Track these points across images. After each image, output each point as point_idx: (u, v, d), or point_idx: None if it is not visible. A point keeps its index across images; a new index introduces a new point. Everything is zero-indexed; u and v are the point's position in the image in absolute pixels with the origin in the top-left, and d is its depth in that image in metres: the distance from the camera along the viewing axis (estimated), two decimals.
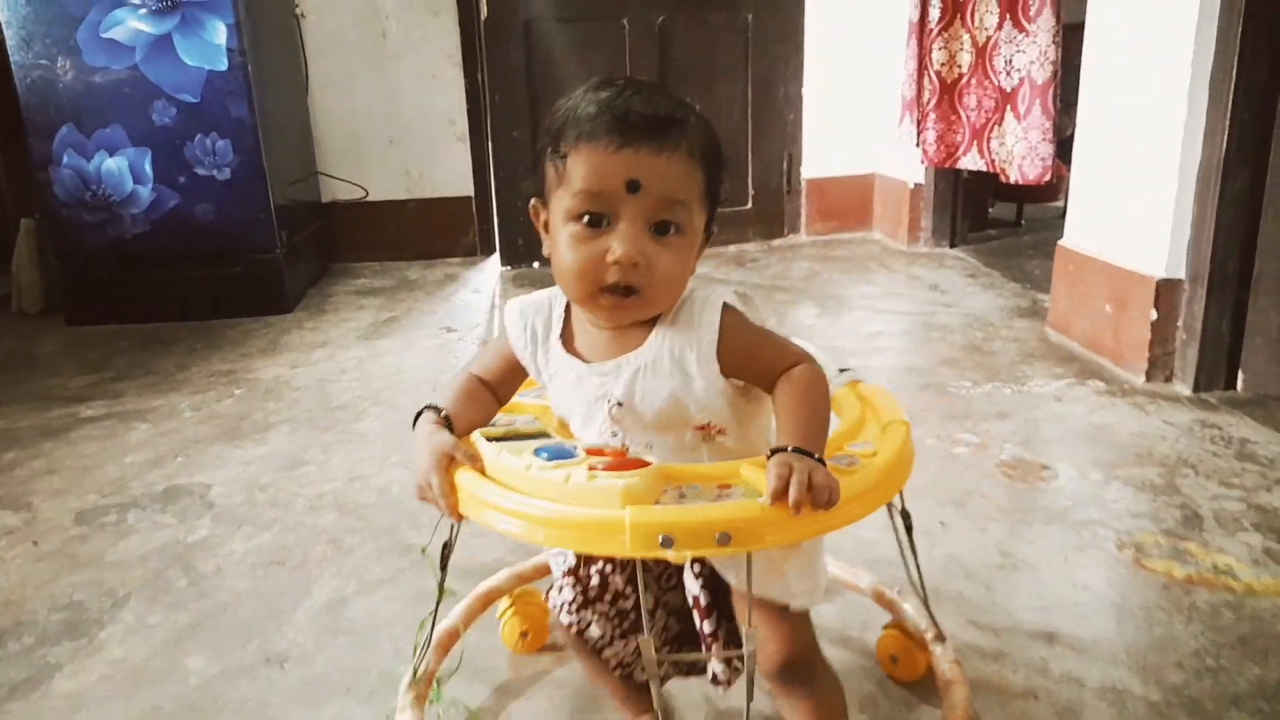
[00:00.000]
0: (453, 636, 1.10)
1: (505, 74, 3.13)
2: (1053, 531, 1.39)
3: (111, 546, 1.45)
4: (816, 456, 0.71)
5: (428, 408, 0.83)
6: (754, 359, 0.81)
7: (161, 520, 1.53)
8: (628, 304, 0.78)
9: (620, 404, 0.82)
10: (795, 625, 0.84)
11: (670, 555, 0.68)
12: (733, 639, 0.87)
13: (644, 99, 0.76)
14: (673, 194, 0.76)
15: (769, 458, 0.72)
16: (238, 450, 1.78)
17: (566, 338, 0.86)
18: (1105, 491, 1.50)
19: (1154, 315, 1.90)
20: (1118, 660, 1.10)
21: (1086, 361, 2.08)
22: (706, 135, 0.78)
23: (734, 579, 0.84)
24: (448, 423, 0.81)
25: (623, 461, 0.75)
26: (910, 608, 1.13)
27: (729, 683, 0.89)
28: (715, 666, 0.88)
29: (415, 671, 1.01)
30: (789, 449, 0.71)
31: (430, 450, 0.78)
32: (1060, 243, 2.27)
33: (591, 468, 0.73)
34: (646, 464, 0.74)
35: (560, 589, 0.92)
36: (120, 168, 2.52)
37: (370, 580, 1.33)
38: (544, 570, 1.20)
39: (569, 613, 0.91)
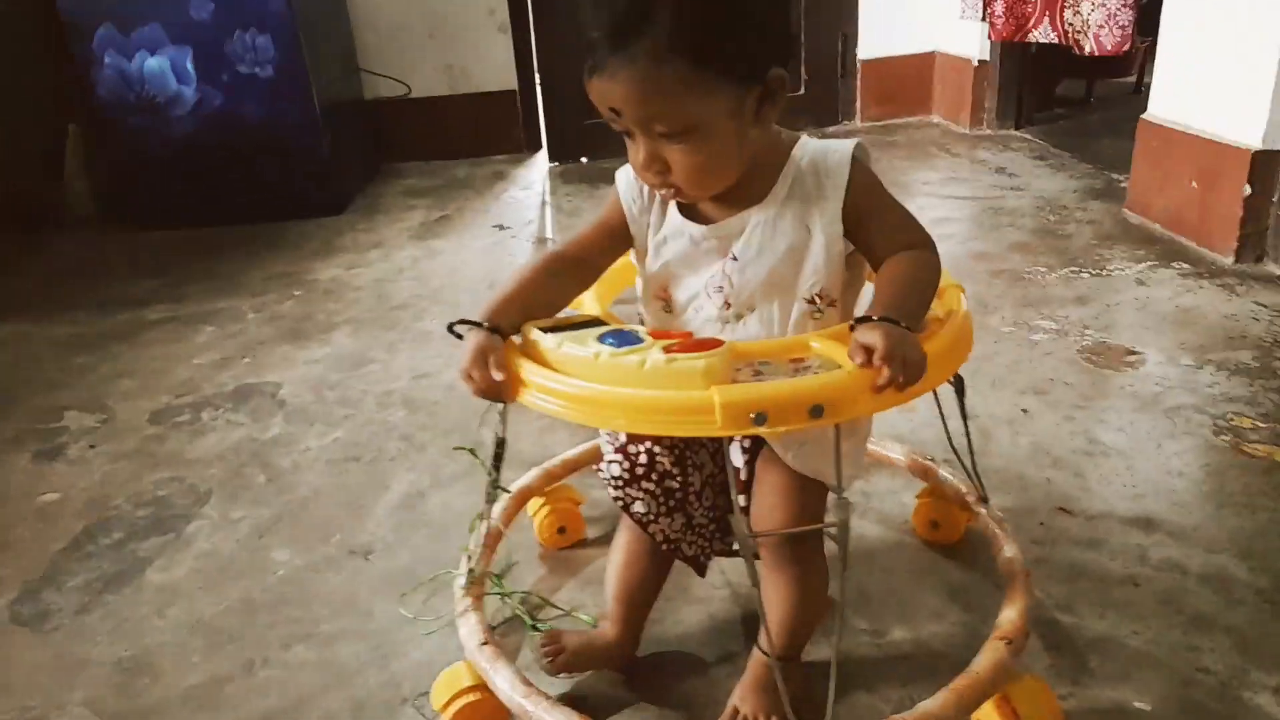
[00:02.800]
0: (496, 536, 1.08)
1: None
2: (1143, 418, 1.34)
3: (189, 445, 1.47)
4: (904, 326, 0.69)
5: (460, 322, 0.79)
6: (879, 221, 0.79)
7: (235, 419, 1.54)
8: (683, 195, 0.79)
9: (735, 258, 0.80)
10: (811, 500, 0.83)
11: (763, 431, 0.67)
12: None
13: (599, 14, 0.70)
14: (652, 111, 0.71)
15: (853, 327, 0.70)
16: (302, 350, 1.78)
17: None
18: (1197, 376, 1.44)
19: (1247, 190, 1.79)
20: (1220, 547, 1.07)
21: (1169, 243, 1.99)
22: (676, 15, 0.68)
23: (792, 458, 0.83)
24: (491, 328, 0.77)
25: (694, 343, 0.72)
26: (947, 473, 1.11)
27: (758, 556, 0.88)
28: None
29: (471, 573, 1.00)
30: (876, 318, 0.69)
31: (469, 348, 0.75)
32: (1143, 116, 2.14)
33: (666, 350, 0.70)
34: (719, 342, 0.71)
35: (609, 463, 0.91)
36: (162, 67, 2.47)
37: (444, 476, 1.33)
38: (572, 466, 1.19)
39: (615, 488, 0.90)
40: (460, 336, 0.79)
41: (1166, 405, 1.37)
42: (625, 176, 0.85)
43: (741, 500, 0.87)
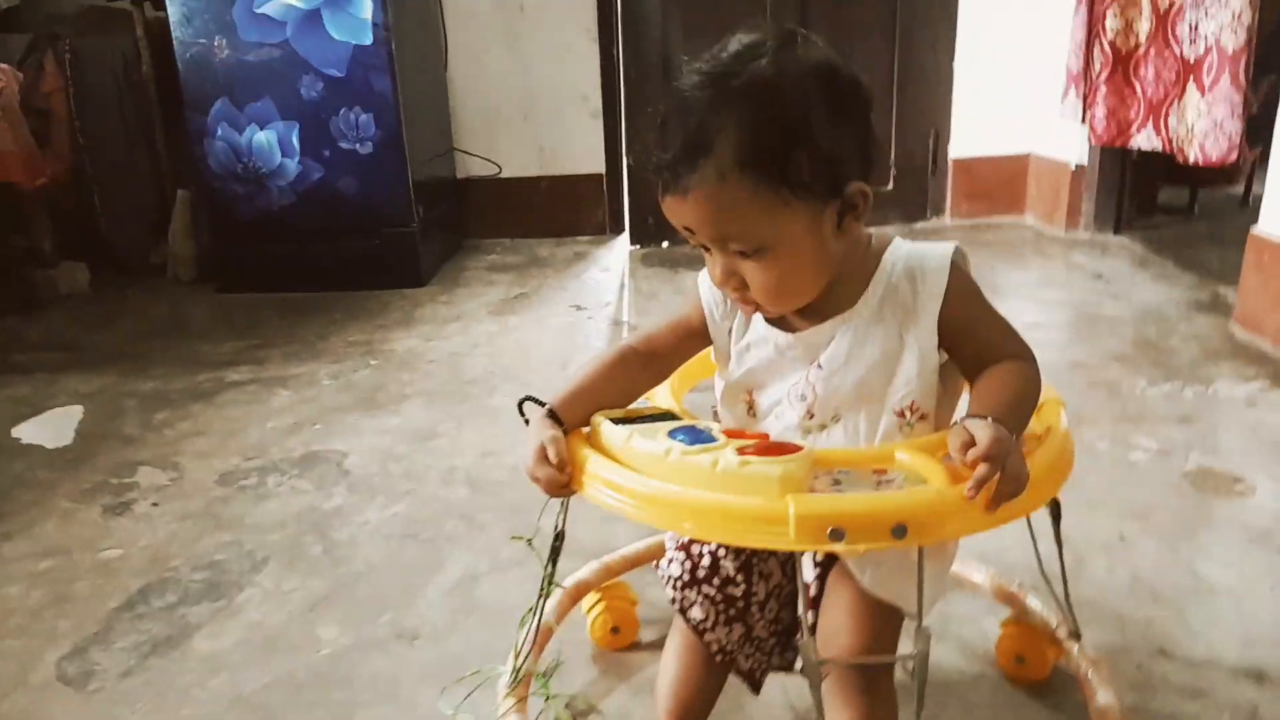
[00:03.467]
0: (547, 634, 1.04)
1: (641, 48, 3.05)
2: (1255, 554, 1.23)
3: (252, 509, 1.47)
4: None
5: (529, 400, 0.78)
6: (975, 333, 0.74)
7: (299, 486, 1.54)
8: (764, 311, 0.76)
9: (820, 366, 0.75)
10: (885, 624, 0.76)
11: (840, 549, 0.62)
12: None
13: (669, 134, 0.69)
14: (724, 231, 0.69)
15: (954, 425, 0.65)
16: (373, 420, 1.79)
17: None
18: None
19: None
20: None
21: None
22: (745, 134, 0.66)
23: (869, 580, 0.76)
24: (553, 416, 0.76)
25: (771, 445, 0.67)
26: (1035, 602, 1.02)
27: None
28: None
29: (516, 673, 0.95)
30: (985, 418, 0.64)
31: (531, 446, 0.75)
32: (1253, 229, 2.04)
33: (741, 451, 0.65)
34: (798, 448, 0.66)
35: (670, 561, 0.86)
36: (270, 141, 2.59)
37: (502, 560, 1.30)
38: (633, 562, 1.14)
39: (674, 588, 0.86)
40: (527, 421, 0.77)
41: None
42: (707, 281, 0.81)
43: (810, 618, 0.80)
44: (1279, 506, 1.34)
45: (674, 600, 0.86)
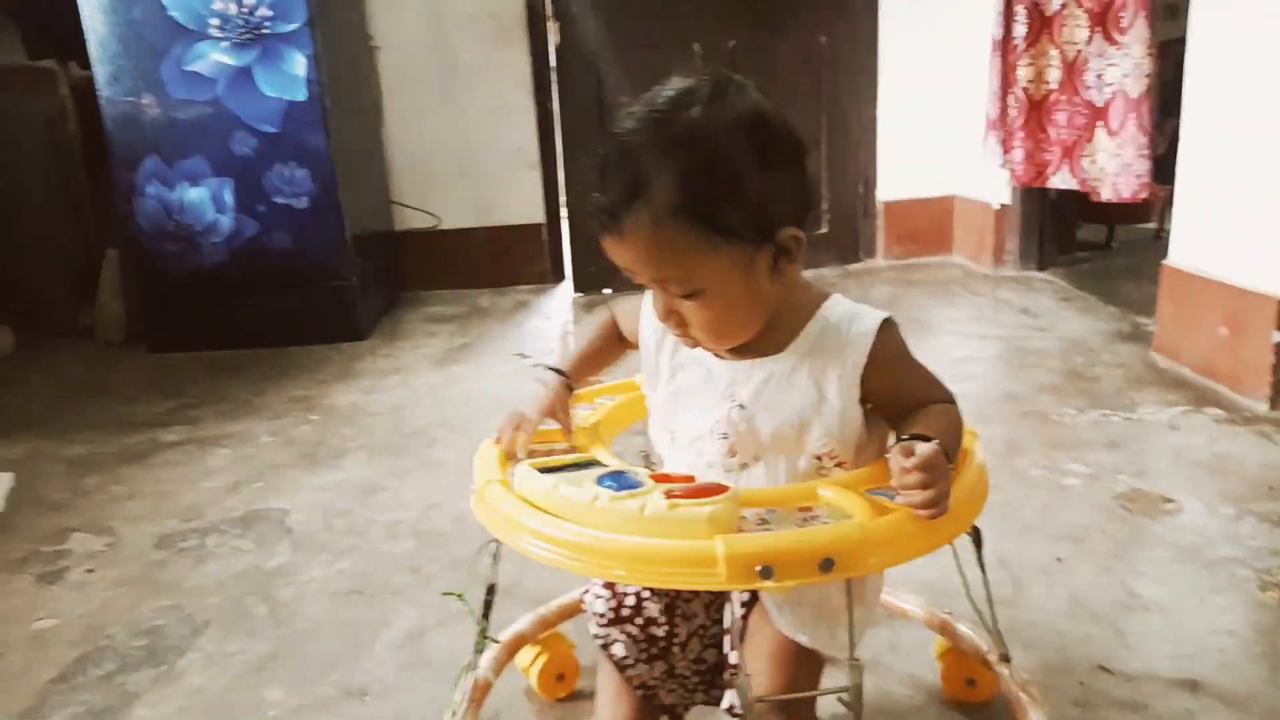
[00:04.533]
0: (484, 689, 1.02)
1: (576, 101, 3.11)
2: (1185, 571, 1.27)
3: (191, 572, 1.43)
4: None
5: (550, 369, 0.89)
6: (899, 389, 0.77)
7: (240, 546, 1.50)
8: (704, 346, 0.79)
9: (742, 407, 0.77)
10: (805, 666, 0.78)
11: (770, 586, 0.64)
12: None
13: (608, 179, 0.71)
14: (658, 272, 0.72)
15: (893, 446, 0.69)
16: (314, 476, 1.76)
17: None
18: (1239, 527, 1.38)
19: (1277, 337, 1.77)
20: (1275, 715, 0.99)
21: (1201, 387, 1.95)
22: (677, 182, 0.68)
23: (784, 622, 0.77)
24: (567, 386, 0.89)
25: (698, 488, 0.69)
26: (968, 629, 1.04)
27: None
28: (732, 697, 0.81)
29: None
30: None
31: (542, 396, 0.88)
32: (1165, 262, 2.14)
33: (669, 494, 0.67)
34: (724, 488, 0.68)
35: (596, 598, 0.87)
36: (202, 197, 2.56)
37: (450, 612, 1.28)
38: (569, 611, 1.13)
39: (597, 625, 0.86)
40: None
41: (1208, 558, 1.30)
42: (649, 309, 0.83)
43: (734, 657, 0.81)
44: (1204, 524, 1.40)
45: (597, 637, 0.87)
